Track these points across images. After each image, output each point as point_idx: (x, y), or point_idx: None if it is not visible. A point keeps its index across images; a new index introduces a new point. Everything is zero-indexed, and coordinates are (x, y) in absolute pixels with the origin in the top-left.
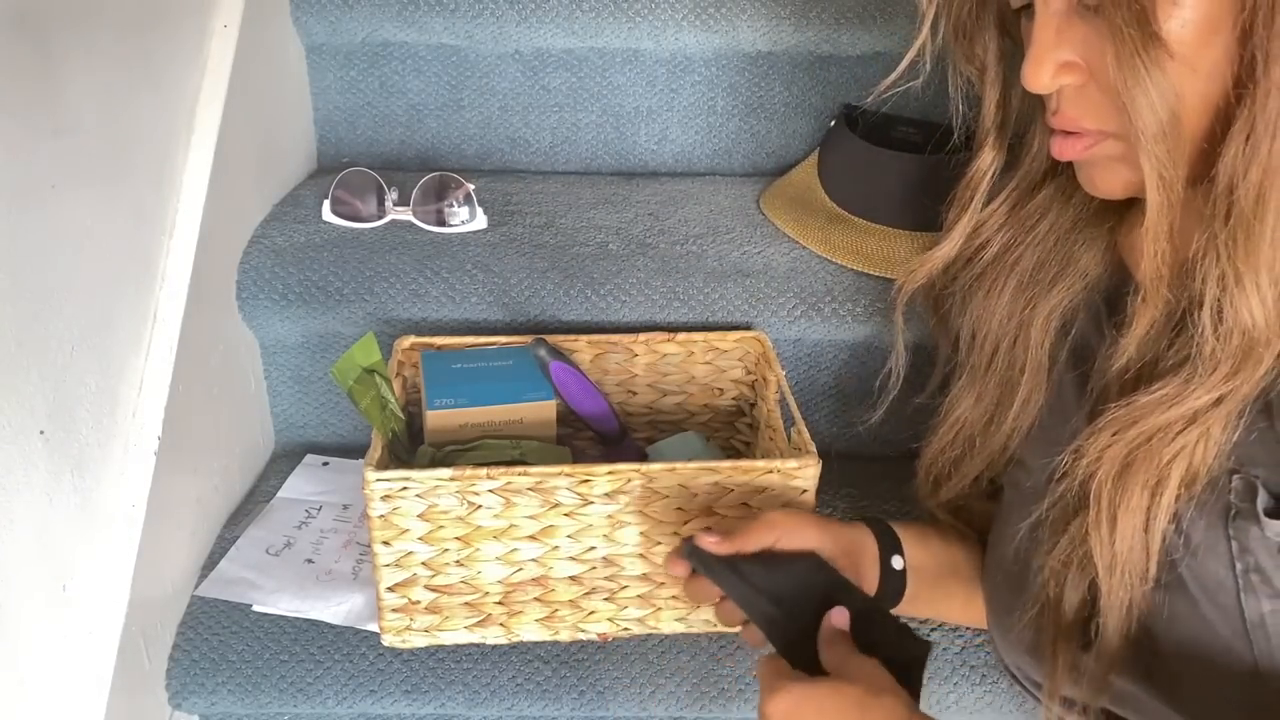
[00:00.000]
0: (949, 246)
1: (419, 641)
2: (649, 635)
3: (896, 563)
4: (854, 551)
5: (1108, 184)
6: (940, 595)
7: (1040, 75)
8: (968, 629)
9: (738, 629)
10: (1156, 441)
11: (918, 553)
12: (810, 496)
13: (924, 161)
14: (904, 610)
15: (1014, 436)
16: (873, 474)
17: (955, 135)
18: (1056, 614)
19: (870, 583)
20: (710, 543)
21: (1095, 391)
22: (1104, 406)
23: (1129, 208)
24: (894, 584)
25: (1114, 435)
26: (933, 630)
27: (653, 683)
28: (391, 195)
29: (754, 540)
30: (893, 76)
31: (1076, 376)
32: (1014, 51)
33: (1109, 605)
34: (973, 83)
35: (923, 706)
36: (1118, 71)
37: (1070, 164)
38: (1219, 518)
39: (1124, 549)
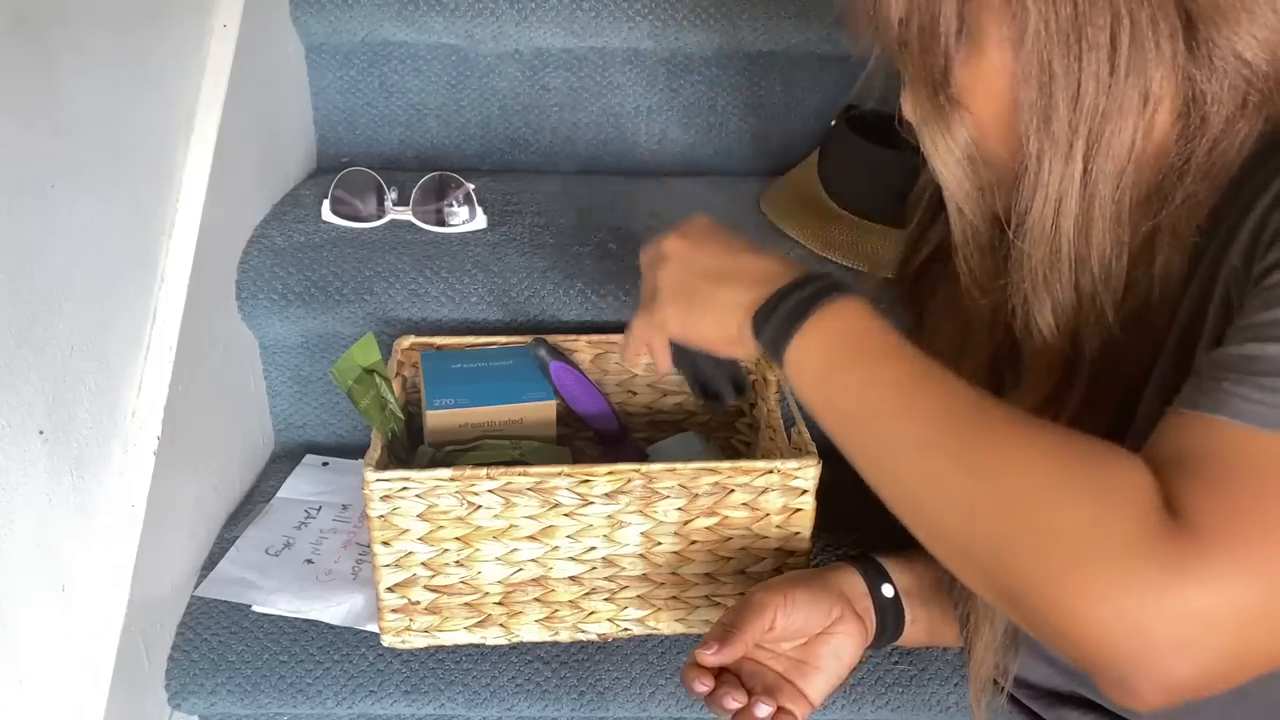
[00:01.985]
0: (894, 254)
1: (419, 642)
2: (649, 635)
3: (887, 590)
4: (845, 593)
5: None
6: (937, 615)
7: (905, 110)
8: None
9: None
10: None
11: (905, 577)
12: (810, 497)
13: (924, 161)
14: (909, 640)
15: None
16: None
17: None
18: None
19: (868, 618)
20: (710, 657)
21: None
22: None
23: None
24: (891, 614)
25: None
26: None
27: (653, 683)
28: (391, 195)
29: (752, 634)
30: (854, 90)
31: None
32: None
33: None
34: None
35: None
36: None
37: None
38: None
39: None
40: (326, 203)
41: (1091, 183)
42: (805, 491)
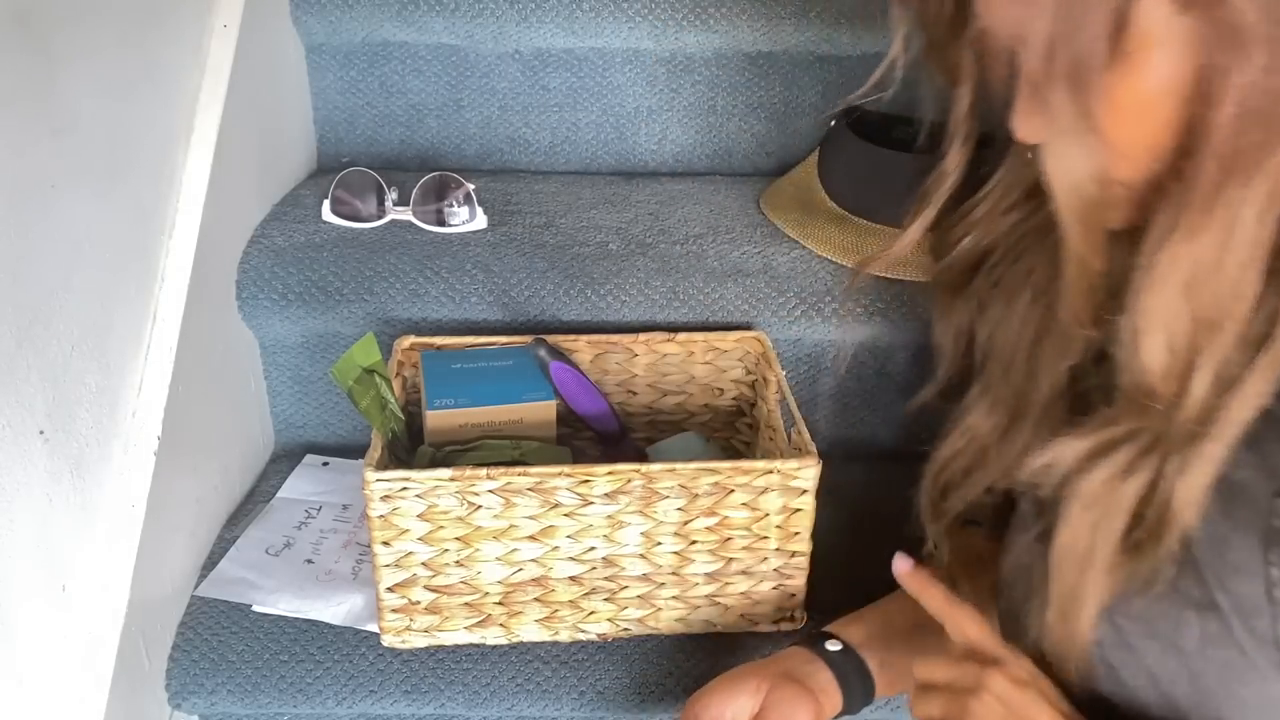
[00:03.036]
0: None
1: (419, 642)
2: (649, 635)
3: (832, 645)
4: (786, 669)
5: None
6: (900, 658)
7: (1021, 131)
8: None
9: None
10: (1092, 474)
11: (853, 631)
12: (810, 497)
13: (924, 161)
14: (890, 689)
15: (1029, 453)
16: (873, 475)
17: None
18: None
19: (816, 681)
20: None
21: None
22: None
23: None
24: (852, 667)
25: (1051, 465)
26: None
27: (653, 683)
28: (391, 195)
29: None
30: (864, 89)
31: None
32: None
33: (1057, 640)
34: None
35: None
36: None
37: None
38: (1258, 539)
39: (1068, 585)
40: (327, 203)
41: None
42: (805, 491)
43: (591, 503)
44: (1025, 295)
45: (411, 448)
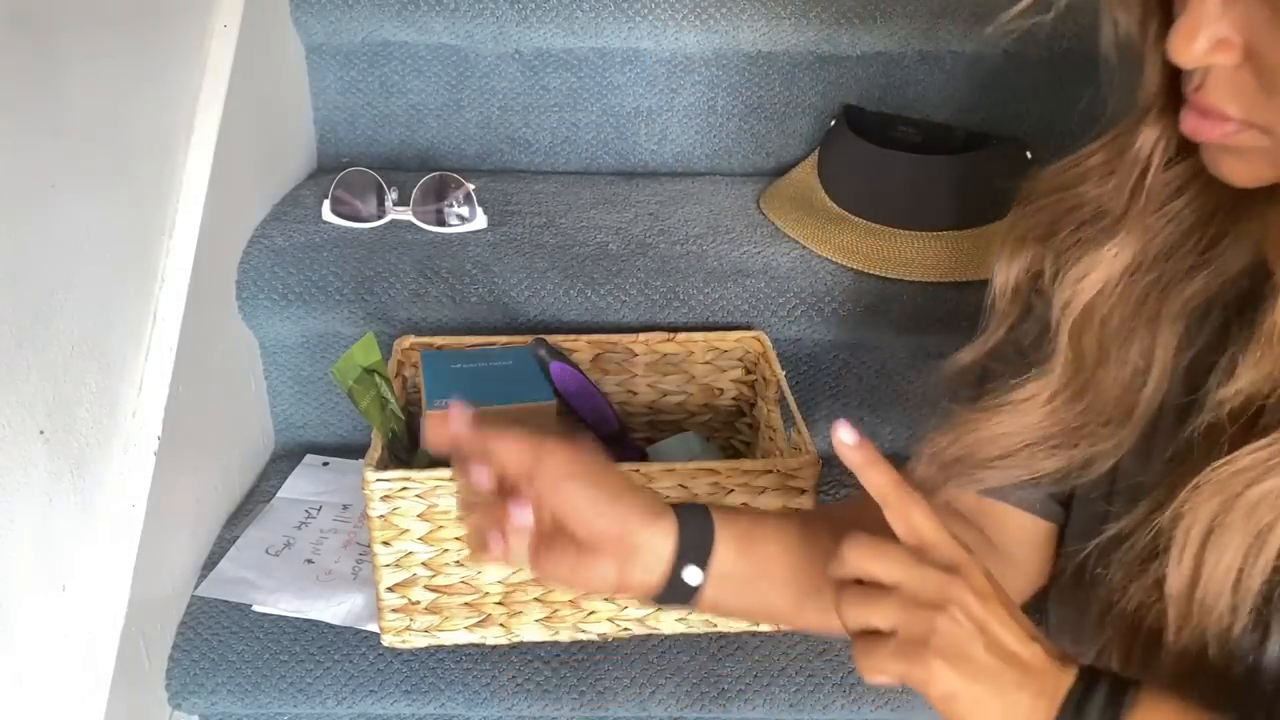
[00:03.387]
0: (1123, 253)
1: (419, 642)
2: (649, 635)
3: (691, 576)
4: (640, 550)
5: (1238, 174)
6: (751, 602)
7: (1191, 48)
8: None
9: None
10: (1262, 507)
11: (730, 558)
12: (809, 497)
13: (924, 161)
14: (721, 592)
15: (1096, 462)
16: None
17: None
18: (1122, 658)
19: (641, 579)
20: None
21: (1200, 427)
22: (1201, 452)
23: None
24: (677, 595)
25: (1210, 495)
26: None
27: (653, 683)
28: (391, 195)
29: (504, 442)
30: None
31: (1185, 399)
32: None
33: (1174, 648)
34: (1129, 39)
35: None
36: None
37: None
38: None
39: (1204, 606)
40: (327, 203)
41: None
42: (804, 491)
43: None
44: (1122, 258)
45: (411, 448)
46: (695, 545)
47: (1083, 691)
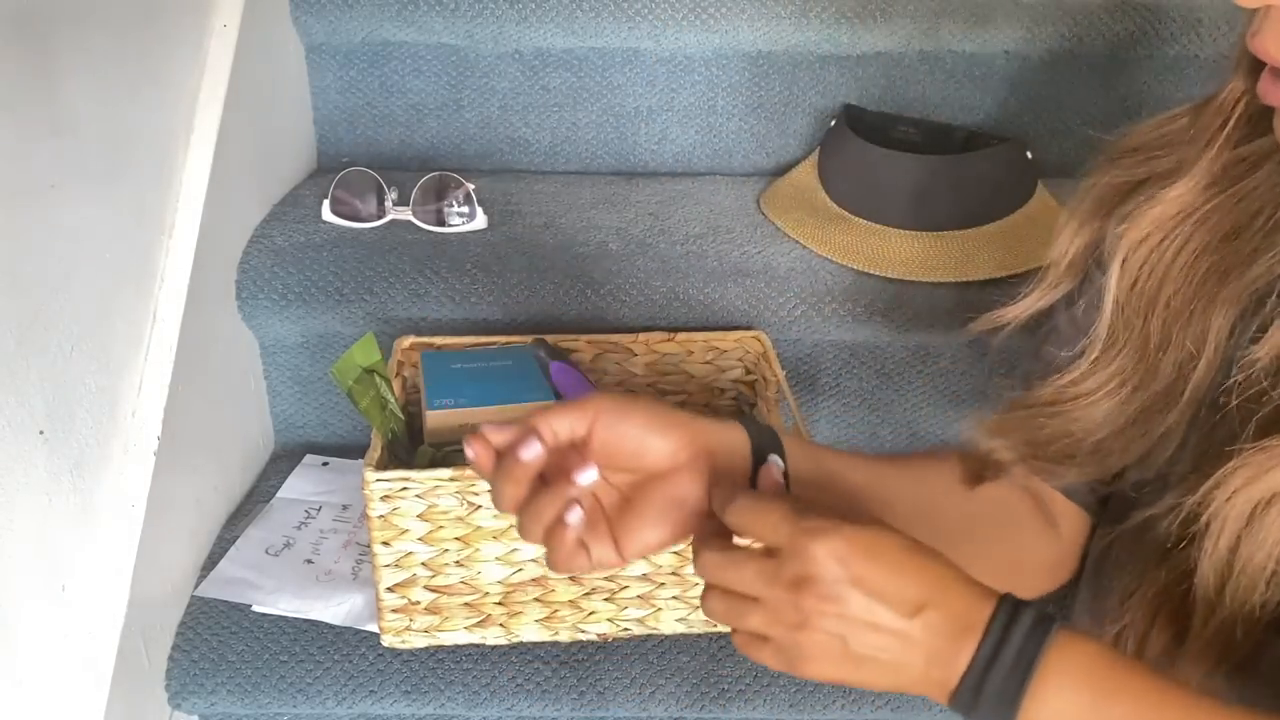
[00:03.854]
0: (1182, 188)
1: (419, 642)
2: (649, 635)
3: (776, 462)
4: (710, 445)
5: None
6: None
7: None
8: None
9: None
10: None
11: (802, 460)
12: None
13: (924, 161)
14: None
15: (1154, 454)
16: None
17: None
18: (1139, 642)
19: (724, 465)
20: (494, 434)
21: (1231, 408)
22: (1231, 437)
23: None
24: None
25: (1245, 481)
26: None
27: (653, 683)
28: (391, 195)
29: (556, 425)
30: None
31: (1222, 388)
32: None
33: (1200, 636)
34: None
35: None
36: None
37: None
38: None
39: (1236, 597)
40: (326, 203)
41: None
42: None
43: None
44: (1194, 244)
45: (411, 448)
46: (768, 442)
47: (1007, 617)
